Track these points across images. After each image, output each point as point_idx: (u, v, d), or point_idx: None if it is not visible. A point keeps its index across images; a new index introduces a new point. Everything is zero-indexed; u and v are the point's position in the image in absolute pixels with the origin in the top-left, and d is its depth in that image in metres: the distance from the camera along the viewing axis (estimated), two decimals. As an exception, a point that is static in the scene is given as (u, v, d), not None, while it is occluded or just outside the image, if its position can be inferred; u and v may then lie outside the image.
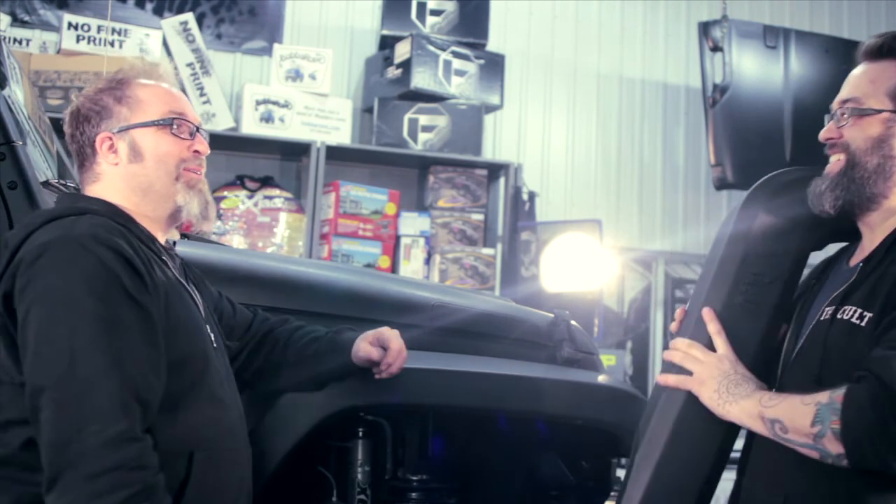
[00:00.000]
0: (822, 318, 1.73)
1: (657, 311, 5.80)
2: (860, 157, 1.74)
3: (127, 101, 1.76)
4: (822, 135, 1.83)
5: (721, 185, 5.34)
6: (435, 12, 5.07)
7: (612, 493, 2.48)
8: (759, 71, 5.37)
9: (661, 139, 5.85)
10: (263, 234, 4.76)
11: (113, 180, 1.74)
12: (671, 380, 1.82)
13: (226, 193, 4.81)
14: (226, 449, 1.65)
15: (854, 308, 1.66)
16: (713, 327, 1.80)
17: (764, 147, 5.31)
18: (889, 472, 1.53)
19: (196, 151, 1.78)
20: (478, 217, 5.08)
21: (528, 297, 4.13)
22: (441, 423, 2.40)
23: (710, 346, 1.81)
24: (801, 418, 1.58)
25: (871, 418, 1.50)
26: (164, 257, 1.72)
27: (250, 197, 4.82)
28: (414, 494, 2.37)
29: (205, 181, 1.81)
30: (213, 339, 1.75)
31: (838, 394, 1.55)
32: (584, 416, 2.28)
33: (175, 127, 1.76)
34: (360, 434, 2.22)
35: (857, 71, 1.83)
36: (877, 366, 1.52)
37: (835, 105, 1.84)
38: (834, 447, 1.54)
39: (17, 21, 4.67)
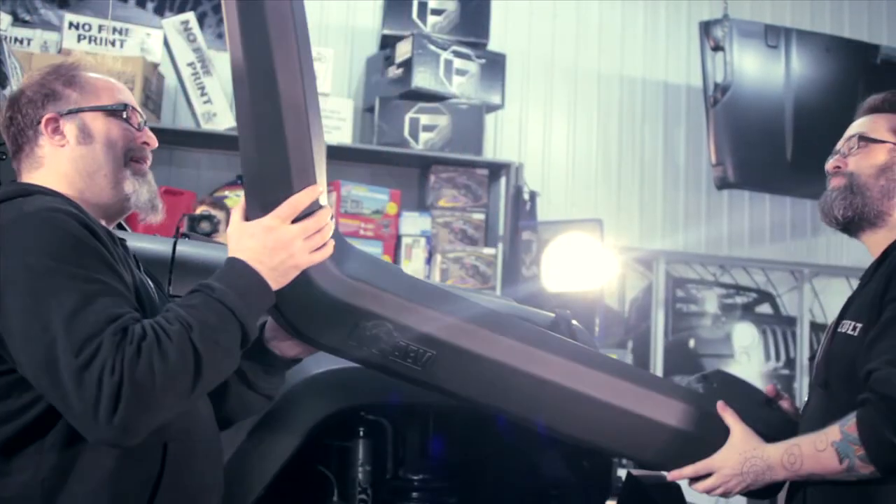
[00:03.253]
0: (830, 332, 1.92)
1: (658, 310, 5.80)
2: (865, 180, 1.94)
3: (77, 85, 1.70)
4: (830, 165, 2.03)
5: (722, 184, 5.34)
6: (436, 12, 5.07)
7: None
8: (760, 70, 5.37)
9: (662, 138, 5.85)
10: (264, 234, 4.76)
11: (58, 164, 1.66)
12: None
13: (227, 193, 4.81)
14: (199, 441, 1.61)
15: (850, 322, 1.84)
16: (728, 417, 1.90)
17: (765, 146, 5.32)
18: None
19: (145, 143, 1.72)
20: (479, 217, 5.08)
21: (529, 296, 4.13)
22: (442, 422, 2.40)
23: None
24: (829, 463, 1.72)
25: (888, 433, 1.65)
26: (113, 239, 1.62)
27: (251, 196, 4.81)
28: (415, 494, 2.37)
29: (151, 174, 1.74)
30: None
31: (849, 425, 1.70)
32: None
33: (126, 115, 1.70)
34: (361, 433, 2.22)
35: (860, 120, 2.03)
36: (879, 386, 1.67)
37: (840, 144, 2.03)
38: (865, 469, 1.70)
39: (18, 20, 4.68)
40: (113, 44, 4.56)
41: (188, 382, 1.40)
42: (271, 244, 1.54)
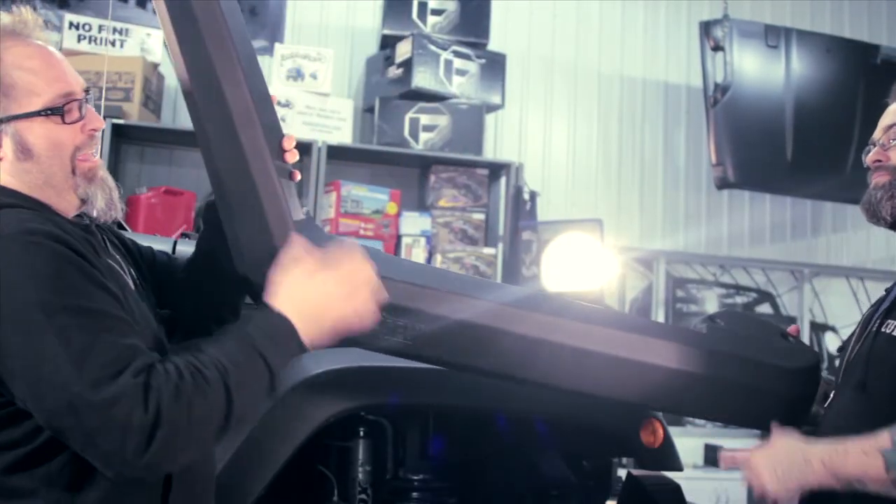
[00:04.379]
0: (871, 330, 1.80)
1: (658, 310, 5.80)
2: None
3: (3, 86, 1.46)
4: (870, 158, 1.88)
5: (722, 184, 5.34)
6: (436, 12, 5.07)
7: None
8: (760, 70, 5.37)
9: (662, 138, 5.85)
10: (264, 234, 4.76)
11: None
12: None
13: (227, 193, 4.81)
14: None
15: (895, 322, 1.74)
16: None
17: (765, 147, 5.31)
18: None
19: (91, 131, 1.53)
20: (479, 216, 5.08)
21: (529, 296, 4.12)
22: (442, 422, 2.40)
23: None
24: (873, 470, 1.62)
25: None
26: (87, 237, 1.51)
27: (251, 196, 4.82)
28: (415, 494, 2.37)
29: (102, 165, 1.56)
30: (153, 316, 1.60)
31: None
32: (585, 416, 2.28)
33: (66, 113, 1.49)
34: (362, 434, 2.22)
35: (895, 105, 1.89)
36: None
37: (878, 134, 1.88)
38: None
39: (18, 21, 4.67)
40: (113, 44, 4.56)
41: (219, 426, 1.36)
42: (314, 300, 1.45)
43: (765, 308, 6.06)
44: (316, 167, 4.74)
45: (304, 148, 4.82)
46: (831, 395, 1.88)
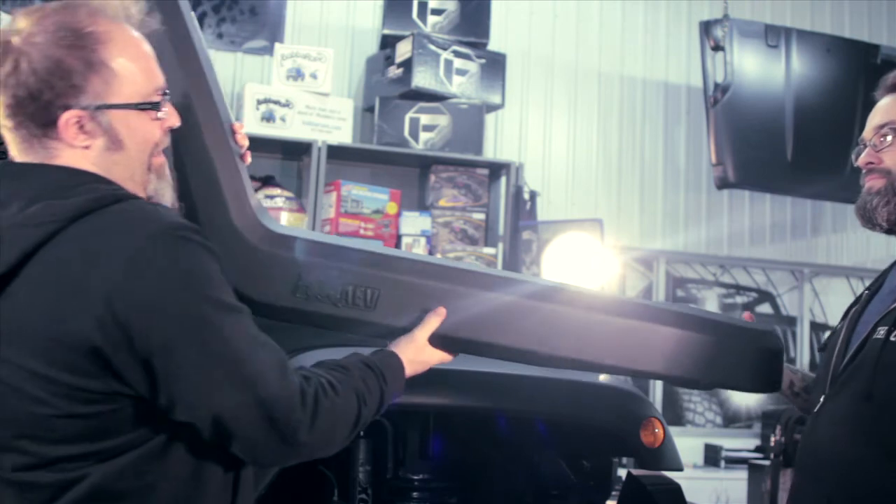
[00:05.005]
0: (875, 337, 1.74)
1: (658, 310, 5.79)
2: None
3: (101, 69, 1.39)
4: (862, 161, 1.84)
5: (722, 184, 5.34)
6: (436, 11, 5.07)
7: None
8: (760, 70, 5.37)
9: (663, 138, 5.85)
10: (264, 234, 4.76)
11: (76, 161, 1.42)
12: None
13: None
14: None
15: None
16: None
17: (765, 146, 5.31)
18: None
19: (169, 128, 1.51)
20: (479, 216, 5.08)
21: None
22: (442, 423, 2.40)
23: None
24: None
25: None
26: None
27: (251, 196, 4.82)
28: (415, 494, 2.37)
29: (167, 164, 1.54)
30: None
31: None
32: (584, 415, 2.28)
33: (161, 108, 1.47)
34: (362, 434, 2.22)
35: (884, 101, 1.85)
36: None
37: (868, 133, 1.85)
38: None
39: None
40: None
41: (347, 436, 1.51)
42: (421, 361, 1.73)
43: (765, 308, 6.06)
44: (316, 167, 4.74)
45: (304, 148, 4.83)
46: (821, 401, 1.83)
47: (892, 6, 6.33)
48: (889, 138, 1.79)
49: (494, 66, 5.10)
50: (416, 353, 1.69)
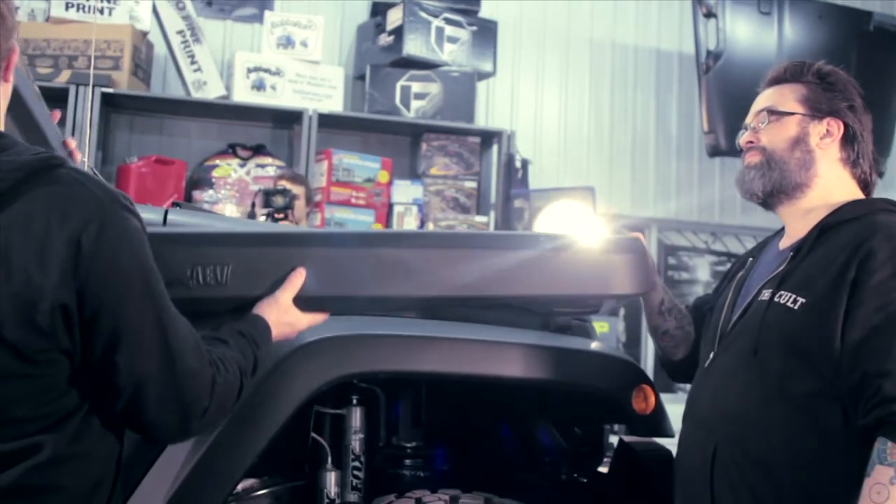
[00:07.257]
0: (760, 299, 1.91)
1: (650, 278, 5.81)
2: (781, 154, 1.99)
3: None
4: (743, 140, 2.09)
5: (714, 152, 5.34)
6: (427, -22, 5.04)
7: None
8: (752, 37, 5.35)
9: (654, 106, 5.84)
10: (256, 203, 4.75)
11: None
12: None
13: (218, 162, 4.79)
14: None
15: (789, 294, 1.83)
16: None
17: (757, 114, 5.30)
18: None
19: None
20: (471, 185, 5.08)
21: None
22: (434, 390, 2.41)
23: None
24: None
25: None
26: None
27: (242, 165, 4.81)
28: (408, 461, 2.38)
29: None
30: None
31: (891, 454, 1.61)
32: (576, 383, 2.29)
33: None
34: (354, 402, 2.23)
35: (765, 92, 2.09)
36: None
37: (749, 118, 2.09)
38: None
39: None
40: (101, 11, 4.52)
41: (233, 403, 1.56)
42: (287, 323, 1.75)
43: (756, 275, 6.08)
44: (307, 135, 4.72)
45: (294, 116, 4.80)
46: (710, 357, 1.97)
47: (885, -28, 6.30)
48: (766, 121, 2.03)
49: (486, 34, 5.08)
50: (280, 313, 1.72)
